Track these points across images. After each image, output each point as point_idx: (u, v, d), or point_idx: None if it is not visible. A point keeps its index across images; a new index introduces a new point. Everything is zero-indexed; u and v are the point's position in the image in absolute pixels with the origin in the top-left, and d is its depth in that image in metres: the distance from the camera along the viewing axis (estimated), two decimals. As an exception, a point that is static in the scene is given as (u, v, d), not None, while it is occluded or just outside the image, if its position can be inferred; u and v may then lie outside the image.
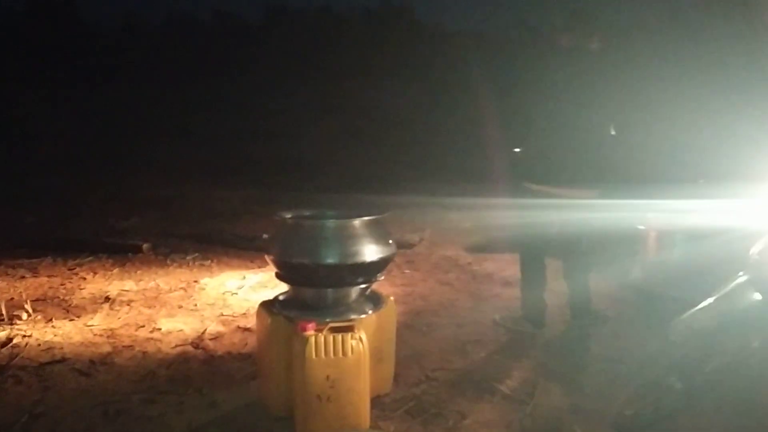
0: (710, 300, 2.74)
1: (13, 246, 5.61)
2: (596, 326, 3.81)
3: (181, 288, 4.71)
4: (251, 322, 3.80)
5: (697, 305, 2.75)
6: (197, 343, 3.64)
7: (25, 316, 3.99)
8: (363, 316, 2.76)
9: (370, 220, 2.75)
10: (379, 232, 2.77)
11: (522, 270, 3.90)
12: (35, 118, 9.12)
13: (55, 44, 14.92)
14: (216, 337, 3.73)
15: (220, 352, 3.52)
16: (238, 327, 3.90)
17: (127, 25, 21.39)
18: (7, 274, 4.92)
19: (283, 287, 2.92)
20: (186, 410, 2.87)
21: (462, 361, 3.46)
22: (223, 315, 4.12)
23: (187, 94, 15.01)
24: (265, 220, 5.13)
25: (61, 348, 3.56)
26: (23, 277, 4.86)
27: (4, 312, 3.99)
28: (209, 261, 5.46)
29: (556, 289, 3.90)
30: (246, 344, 3.63)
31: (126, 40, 18.35)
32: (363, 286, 2.82)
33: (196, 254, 5.61)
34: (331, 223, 2.74)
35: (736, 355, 2.63)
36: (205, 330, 3.83)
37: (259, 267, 5.20)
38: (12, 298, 4.32)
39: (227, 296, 4.53)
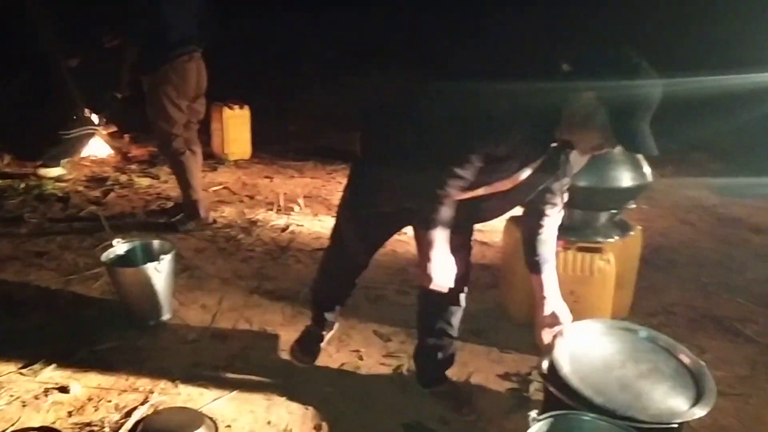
0: None
1: (283, 150, 6.43)
2: None
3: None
4: (488, 237, 4.07)
5: None
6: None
7: (297, 208, 4.69)
8: (610, 240, 2.86)
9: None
10: (635, 160, 2.80)
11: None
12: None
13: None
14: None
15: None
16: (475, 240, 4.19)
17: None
18: (280, 173, 5.72)
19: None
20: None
21: (703, 301, 3.40)
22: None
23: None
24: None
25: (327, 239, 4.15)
26: (292, 177, 5.63)
27: (282, 204, 4.72)
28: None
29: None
30: (483, 256, 3.91)
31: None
32: (613, 211, 2.90)
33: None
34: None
35: None
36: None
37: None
38: (286, 193, 5.06)
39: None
